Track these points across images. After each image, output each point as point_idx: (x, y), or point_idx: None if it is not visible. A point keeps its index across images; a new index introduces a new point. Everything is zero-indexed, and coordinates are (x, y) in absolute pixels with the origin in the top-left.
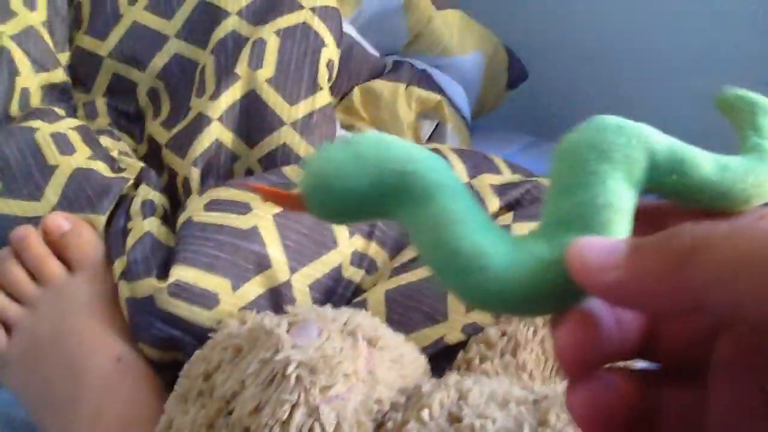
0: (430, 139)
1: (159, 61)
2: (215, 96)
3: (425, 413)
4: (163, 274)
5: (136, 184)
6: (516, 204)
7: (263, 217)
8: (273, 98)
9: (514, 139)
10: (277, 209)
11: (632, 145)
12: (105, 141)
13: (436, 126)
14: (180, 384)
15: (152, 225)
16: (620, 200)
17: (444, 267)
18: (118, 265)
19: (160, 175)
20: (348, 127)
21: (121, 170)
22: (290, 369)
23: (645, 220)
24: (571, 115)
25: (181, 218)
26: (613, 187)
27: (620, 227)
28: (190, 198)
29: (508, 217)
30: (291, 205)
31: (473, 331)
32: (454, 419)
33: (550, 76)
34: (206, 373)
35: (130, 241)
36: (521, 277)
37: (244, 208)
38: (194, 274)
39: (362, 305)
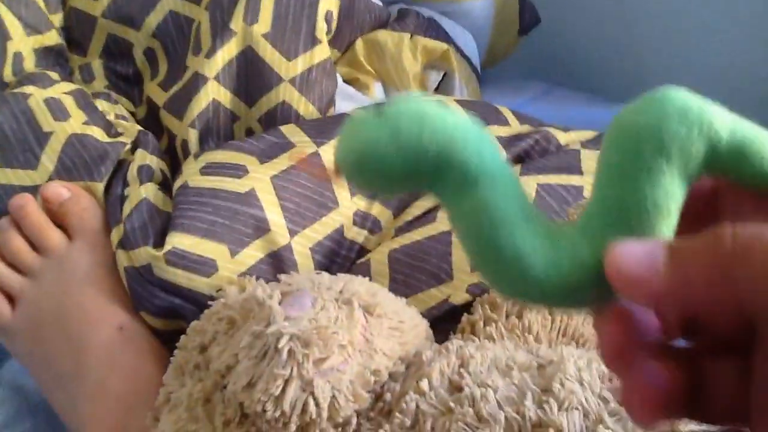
0: (437, 90)
1: (153, 19)
2: (211, 54)
3: (424, 383)
4: (161, 242)
5: (134, 149)
6: (525, 156)
7: (260, 180)
8: (270, 54)
9: (527, 87)
10: (274, 171)
11: (693, 136)
12: (102, 104)
13: (444, 76)
14: (177, 356)
15: (149, 191)
16: (670, 200)
17: (482, 262)
18: (116, 234)
19: (160, 138)
20: (352, 81)
21: (118, 134)
22: (282, 342)
23: (697, 203)
24: (586, 61)
25: (177, 183)
26: (665, 187)
27: (666, 228)
28: (186, 162)
29: (516, 170)
30: (329, 178)
31: (479, 291)
32: (455, 388)
33: (564, 20)
34: (202, 346)
35: (127, 208)
36: (561, 279)
37: (240, 171)
38: (191, 241)
39: (365, 267)
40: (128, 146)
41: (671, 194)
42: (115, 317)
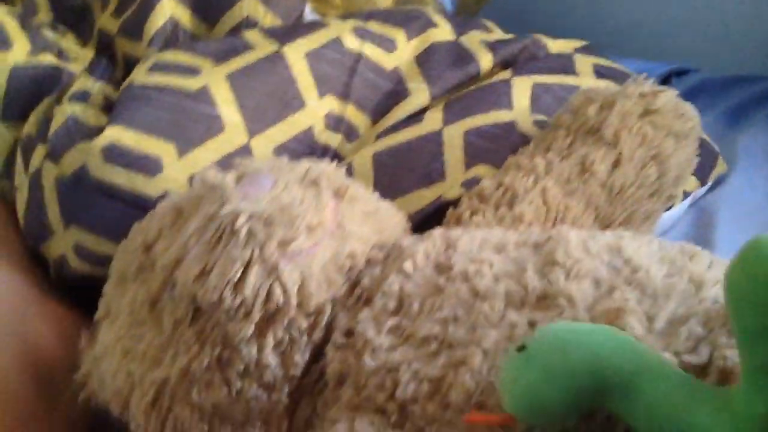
0: None
1: None
2: None
3: (408, 264)
4: None
5: None
6: (512, 61)
7: (215, 78)
8: None
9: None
10: (231, 69)
11: None
12: (48, 34)
13: None
14: (116, 263)
15: (75, 108)
16: None
17: None
18: (40, 151)
19: (113, 70)
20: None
21: (68, 60)
22: (240, 222)
23: None
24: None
25: (122, 86)
26: None
27: None
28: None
29: (506, 73)
30: (510, 425)
31: (476, 185)
32: (443, 269)
33: None
34: (145, 245)
35: (53, 127)
36: None
37: (192, 71)
38: (132, 136)
39: (347, 171)
40: (80, 74)
41: None
42: None
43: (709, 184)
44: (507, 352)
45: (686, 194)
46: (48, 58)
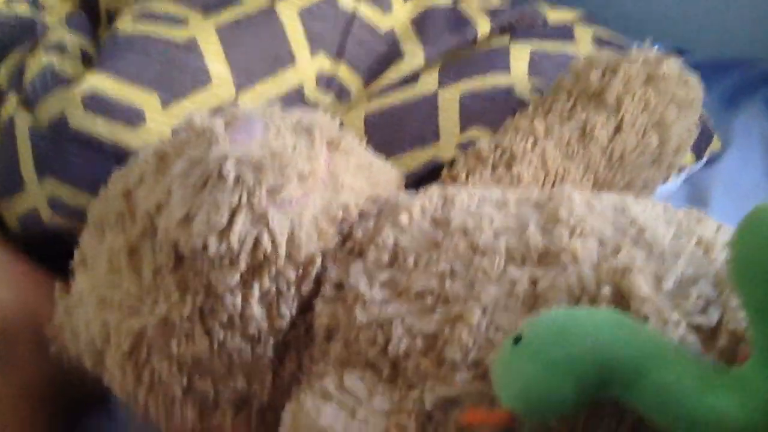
0: None
1: None
2: None
3: (404, 217)
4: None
5: None
6: (510, 28)
7: (204, 30)
8: None
9: None
10: (220, 22)
11: None
12: None
13: None
14: (93, 211)
15: (52, 59)
16: None
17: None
18: (12, 101)
19: (96, 27)
20: None
21: (43, 11)
22: (228, 166)
23: None
24: None
25: (106, 34)
26: None
27: None
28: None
29: (504, 39)
30: (510, 424)
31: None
32: (441, 223)
33: None
34: (126, 191)
35: (28, 77)
36: (758, 415)
37: (180, 22)
38: (114, 85)
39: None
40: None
41: None
42: None
43: (705, 159)
44: (501, 345)
45: (681, 168)
46: (22, 8)
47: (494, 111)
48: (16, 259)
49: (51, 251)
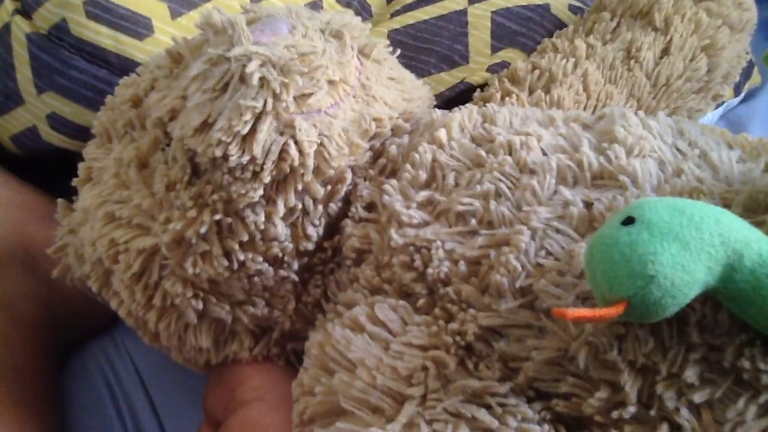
0: None
1: None
2: None
3: (442, 133)
4: None
5: None
6: None
7: None
8: None
9: None
10: None
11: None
12: None
13: None
14: (99, 120)
15: None
16: None
17: None
18: (7, 6)
19: None
20: None
21: None
22: (252, 67)
23: None
24: None
25: None
26: None
27: None
28: None
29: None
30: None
31: (502, 70)
32: (483, 140)
33: None
34: (135, 98)
35: None
36: None
37: None
38: None
39: None
40: None
41: None
42: None
43: (743, 94)
44: (604, 226)
45: (719, 102)
46: None
47: (529, 31)
48: (3, 181)
49: (45, 172)
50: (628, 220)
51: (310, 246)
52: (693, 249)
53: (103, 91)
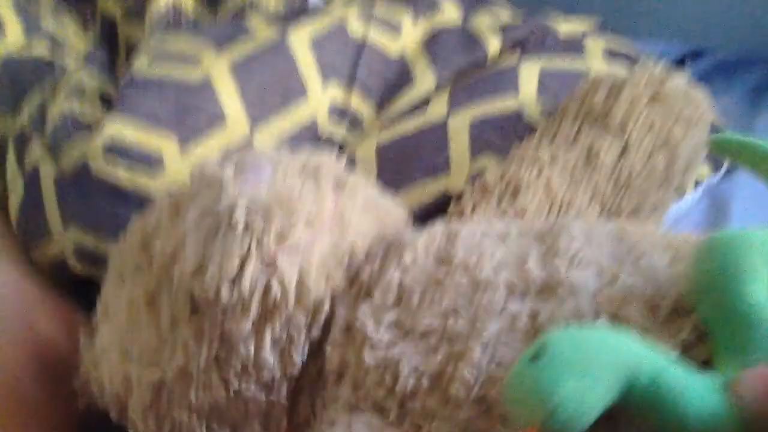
0: None
1: None
2: None
3: (407, 256)
4: None
5: None
6: (520, 44)
7: (217, 68)
8: None
9: None
10: (233, 59)
11: None
12: (45, 21)
13: None
14: (114, 261)
15: (73, 106)
16: None
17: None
18: (36, 148)
19: (115, 59)
20: None
21: (62, 49)
22: (237, 214)
23: None
24: None
25: (123, 79)
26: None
27: None
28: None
29: (513, 58)
30: None
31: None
32: (444, 261)
33: None
34: (143, 242)
35: (50, 124)
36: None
37: (193, 61)
38: (133, 132)
39: (349, 163)
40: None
41: None
42: None
43: (723, 171)
44: (514, 363)
45: (698, 182)
46: (41, 47)
47: (504, 139)
48: (60, 298)
49: (85, 295)
50: (536, 356)
51: (296, 370)
52: (590, 377)
53: (122, 223)
